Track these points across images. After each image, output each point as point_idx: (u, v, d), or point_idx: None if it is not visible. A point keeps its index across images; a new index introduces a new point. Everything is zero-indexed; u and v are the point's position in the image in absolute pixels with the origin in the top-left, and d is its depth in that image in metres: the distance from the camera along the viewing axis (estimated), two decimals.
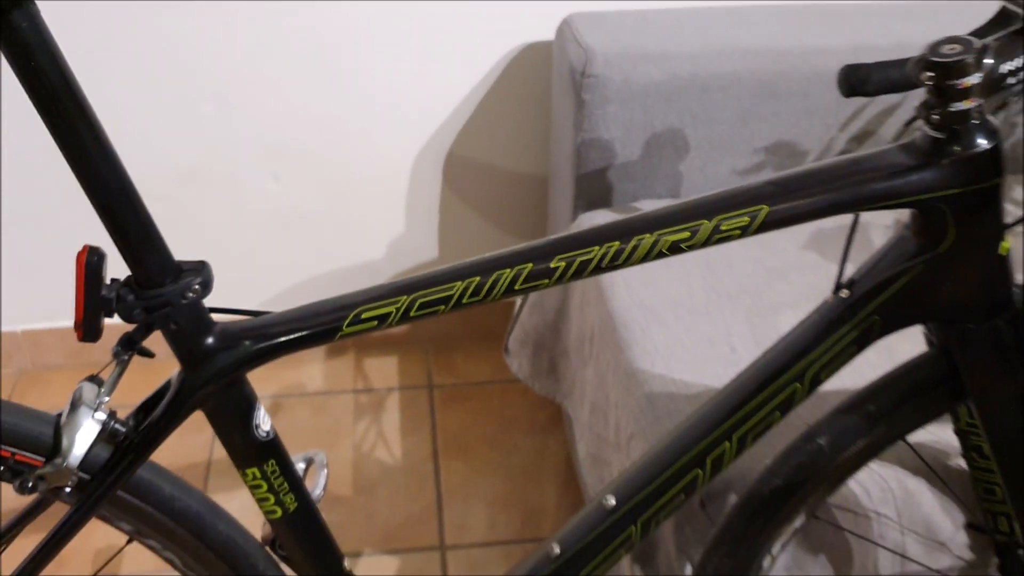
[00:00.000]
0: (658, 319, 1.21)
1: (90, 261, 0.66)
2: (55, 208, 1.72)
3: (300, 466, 0.84)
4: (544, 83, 1.72)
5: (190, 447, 1.67)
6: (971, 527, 1.08)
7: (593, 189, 1.49)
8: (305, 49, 1.63)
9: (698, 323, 1.21)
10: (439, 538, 1.58)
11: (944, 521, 1.06)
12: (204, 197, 1.78)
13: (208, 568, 0.84)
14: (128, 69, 1.62)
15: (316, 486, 0.85)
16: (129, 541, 0.83)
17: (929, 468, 1.04)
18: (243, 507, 0.97)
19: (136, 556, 1.50)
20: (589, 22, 1.48)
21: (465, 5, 1.62)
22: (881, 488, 1.03)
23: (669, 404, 1.09)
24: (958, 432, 0.94)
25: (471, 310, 1.88)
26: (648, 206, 0.89)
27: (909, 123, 0.75)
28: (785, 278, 1.28)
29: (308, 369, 1.91)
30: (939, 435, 1.05)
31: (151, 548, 0.83)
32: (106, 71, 1.60)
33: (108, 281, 0.68)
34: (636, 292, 1.26)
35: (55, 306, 1.84)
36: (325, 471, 0.87)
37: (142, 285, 0.68)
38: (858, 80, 0.78)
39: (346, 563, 0.87)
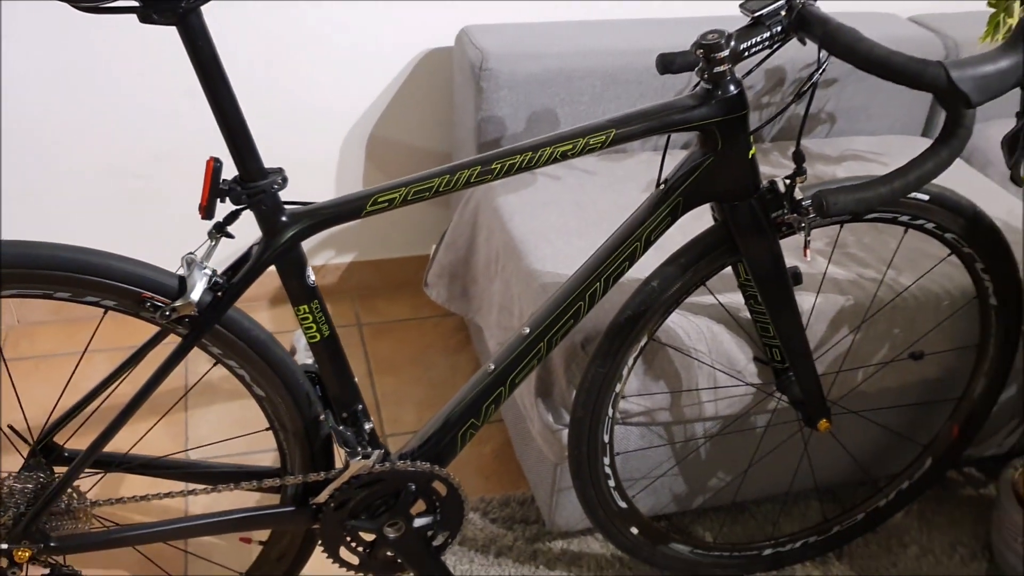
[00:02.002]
0: (546, 239, 1.56)
1: (215, 167, 1.00)
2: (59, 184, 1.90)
3: None
4: (444, 79, 1.95)
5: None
6: (756, 360, 1.42)
7: None
8: (257, 59, 1.83)
9: (573, 240, 1.56)
10: (381, 430, 1.83)
11: (739, 355, 1.41)
12: (176, 175, 1.94)
13: (268, 381, 1.13)
14: (122, 68, 1.79)
15: None
16: (216, 363, 1.13)
17: (729, 314, 1.39)
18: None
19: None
20: (482, 31, 1.79)
21: (380, 23, 1.84)
22: (696, 331, 1.38)
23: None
24: (740, 286, 1.29)
25: (388, 266, 2.22)
26: None
27: (695, 86, 1.12)
28: (630, 211, 1.68)
29: (258, 316, 2.10)
30: (734, 297, 1.41)
31: (229, 368, 1.12)
32: (103, 71, 1.78)
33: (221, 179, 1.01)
34: (529, 222, 1.60)
35: None
36: None
37: (245, 180, 1.01)
38: (668, 62, 1.12)
39: (356, 379, 1.21)
